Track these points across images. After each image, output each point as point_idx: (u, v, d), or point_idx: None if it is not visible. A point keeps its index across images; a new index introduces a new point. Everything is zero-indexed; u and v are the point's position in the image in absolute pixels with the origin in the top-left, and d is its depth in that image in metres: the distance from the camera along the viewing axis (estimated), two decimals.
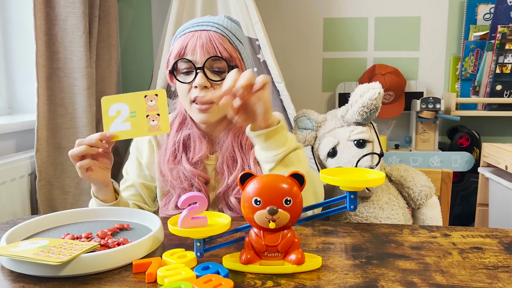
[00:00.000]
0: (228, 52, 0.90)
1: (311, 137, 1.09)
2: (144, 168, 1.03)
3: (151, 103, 0.85)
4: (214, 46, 0.89)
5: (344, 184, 0.62)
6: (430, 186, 1.09)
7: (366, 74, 2.10)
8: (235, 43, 0.93)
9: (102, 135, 0.84)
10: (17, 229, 0.75)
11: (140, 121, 0.85)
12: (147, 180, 1.04)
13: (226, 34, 0.92)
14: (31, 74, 1.50)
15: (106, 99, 0.85)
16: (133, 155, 1.06)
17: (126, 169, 1.07)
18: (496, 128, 2.17)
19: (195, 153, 0.96)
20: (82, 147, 0.83)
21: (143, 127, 0.85)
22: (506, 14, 2.01)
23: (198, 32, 0.90)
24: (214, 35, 0.90)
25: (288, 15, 2.18)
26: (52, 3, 1.48)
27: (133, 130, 0.85)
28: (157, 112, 0.85)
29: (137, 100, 0.85)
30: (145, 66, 2.20)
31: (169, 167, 0.96)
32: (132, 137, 0.86)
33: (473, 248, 0.72)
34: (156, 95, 0.85)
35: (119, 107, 0.85)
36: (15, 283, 0.61)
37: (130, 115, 0.84)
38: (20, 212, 1.39)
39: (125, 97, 0.85)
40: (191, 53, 0.90)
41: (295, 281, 0.60)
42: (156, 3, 2.17)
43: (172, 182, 0.96)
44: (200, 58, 0.89)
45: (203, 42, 0.89)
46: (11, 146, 1.45)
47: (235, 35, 0.94)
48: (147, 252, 0.69)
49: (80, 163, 0.84)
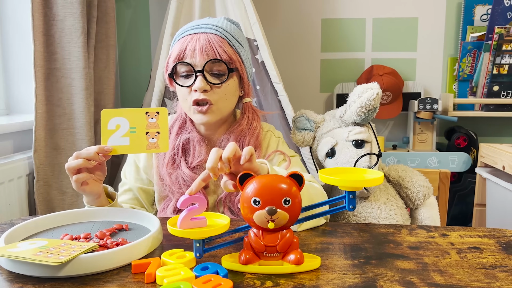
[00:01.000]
0: (227, 54, 0.89)
1: (310, 138, 1.09)
2: (142, 172, 1.03)
3: (152, 120, 0.84)
4: (213, 49, 0.88)
5: (343, 184, 0.62)
6: (428, 186, 1.09)
7: (364, 74, 2.10)
8: (235, 45, 0.92)
9: (100, 148, 0.83)
10: (15, 230, 0.75)
11: (139, 138, 0.84)
12: (144, 184, 1.03)
13: (225, 36, 0.91)
14: (28, 74, 1.50)
15: (106, 112, 0.84)
16: (131, 158, 1.05)
17: (124, 173, 1.06)
18: (493, 129, 2.18)
19: (194, 158, 0.96)
20: (80, 161, 0.82)
21: (142, 143, 0.84)
22: (503, 15, 2.02)
23: (197, 35, 0.90)
24: (214, 38, 0.89)
25: (286, 15, 2.18)
26: (50, 3, 1.47)
27: (131, 146, 0.84)
28: (157, 130, 0.84)
29: (137, 116, 0.84)
30: (143, 67, 2.20)
31: (168, 171, 0.95)
32: (129, 152, 0.85)
33: (471, 248, 0.72)
34: (158, 112, 0.84)
35: (119, 121, 0.84)
36: (14, 283, 0.61)
37: (129, 130, 0.84)
38: (18, 212, 1.39)
39: (125, 112, 0.84)
40: (190, 56, 0.89)
41: (294, 281, 0.61)
42: (154, 4, 2.17)
43: (170, 187, 0.95)
44: (199, 61, 0.89)
45: (202, 45, 0.88)
46: (9, 146, 1.45)
47: (235, 37, 0.93)
48: (146, 253, 0.69)
49: (77, 177, 0.83)
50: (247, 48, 0.99)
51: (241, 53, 0.94)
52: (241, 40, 0.95)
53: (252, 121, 0.99)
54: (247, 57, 0.97)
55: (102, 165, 0.87)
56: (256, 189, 0.61)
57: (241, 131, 0.97)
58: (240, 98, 1.01)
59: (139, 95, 2.14)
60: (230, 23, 0.96)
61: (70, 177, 0.85)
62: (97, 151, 0.82)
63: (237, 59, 0.92)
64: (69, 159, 0.84)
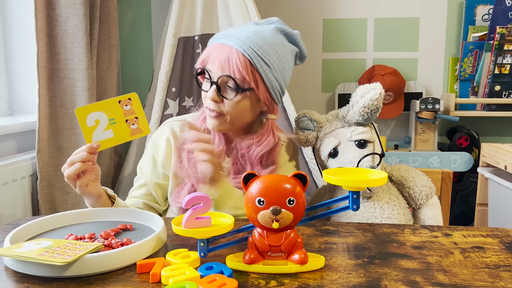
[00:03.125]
0: (241, 74, 0.87)
1: (312, 138, 1.09)
2: (159, 166, 1.03)
3: (127, 107, 0.86)
4: (230, 66, 0.88)
5: (347, 184, 0.62)
6: (431, 186, 1.09)
7: (366, 74, 2.10)
8: (257, 65, 0.89)
9: (89, 148, 0.84)
10: (20, 230, 0.75)
11: (121, 127, 0.85)
12: (160, 178, 1.03)
13: (248, 54, 0.88)
14: (31, 75, 1.50)
15: (81, 110, 0.84)
16: (149, 152, 1.06)
17: (141, 167, 1.07)
18: (495, 128, 2.18)
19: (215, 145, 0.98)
20: (77, 165, 0.83)
21: (125, 132, 0.86)
22: (505, 15, 2.02)
23: (222, 46, 0.90)
24: (235, 54, 0.88)
25: (287, 16, 2.18)
26: (53, 4, 1.48)
27: (116, 137, 0.86)
28: (134, 115, 0.86)
29: (112, 107, 0.85)
30: (145, 67, 2.21)
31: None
32: (116, 144, 0.87)
33: (474, 248, 0.72)
34: (130, 99, 0.86)
35: (96, 116, 0.84)
36: (20, 283, 0.61)
37: (109, 122, 0.85)
38: (21, 213, 1.39)
39: (99, 105, 0.85)
40: (211, 63, 0.91)
41: (298, 280, 0.61)
42: (156, 4, 2.17)
43: (187, 170, 0.96)
44: (215, 73, 0.90)
45: (222, 58, 0.88)
46: (12, 147, 1.45)
47: (261, 55, 0.89)
48: (150, 253, 0.70)
49: (81, 181, 0.84)
50: (279, 65, 0.92)
51: (262, 73, 0.90)
52: (268, 59, 0.90)
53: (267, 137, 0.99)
54: (274, 75, 0.92)
55: (94, 164, 0.88)
56: (260, 189, 0.62)
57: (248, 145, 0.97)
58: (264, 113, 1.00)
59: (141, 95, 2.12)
60: (273, 35, 0.93)
61: (72, 184, 0.86)
62: (87, 151, 0.84)
63: (254, 79, 0.89)
64: (63, 168, 0.85)
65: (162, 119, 1.70)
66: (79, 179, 0.85)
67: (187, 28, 1.77)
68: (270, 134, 0.99)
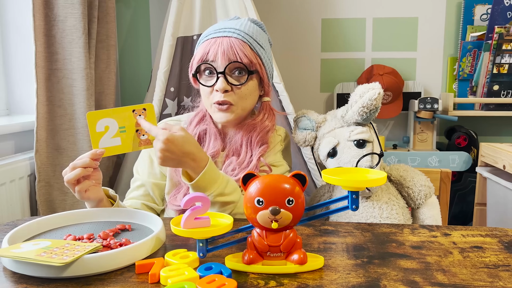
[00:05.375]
0: (248, 58, 0.93)
1: (311, 137, 1.09)
2: (156, 166, 1.04)
3: (140, 117, 0.84)
4: (235, 53, 0.92)
5: (346, 184, 0.62)
6: (430, 185, 1.09)
7: (364, 74, 2.10)
8: (256, 48, 0.96)
9: (92, 154, 0.83)
10: (18, 230, 0.75)
11: (130, 136, 0.84)
12: (157, 178, 1.04)
13: (247, 40, 0.95)
14: (29, 75, 1.50)
15: (92, 114, 0.83)
16: (145, 153, 1.06)
17: (137, 168, 1.07)
18: (494, 128, 2.18)
19: (209, 148, 1.00)
20: (77, 171, 0.82)
21: (134, 142, 0.85)
22: (503, 14, 2.02)
23: (220, 39, 0.94)
24: (235, 42, 0.93)
25: (286, 15, 2.18)
26: (51, 4, 1.47)
27: (123, 145, 0.84)
28: None
29: (125, 115, 0.83)
30: (143, 67, 2.20)
31: None
32: (121, 152, 0.85)
33: (473, 247, 0.72)
34: (144, 109, 0.84)
35: (107, 122, 0.83)
36: (18, 284, 0.61)
37: (119, 130, 0.83)
38: (19, 213, 1.39)
39: (112, 112, 0.83)
40: (212, 58, 0.94)
41: (298, 280, 0.61)
42: (154, 4, 2.17)
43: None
44: (221, 64, 0.93)
45: (224, 48, 0.92)
46: (10, 147, 1.45)
47: (256, 40, 0.97)
48: (149, 253, 0.70)
49: (80, 187, 0.84)
50: (269, 49, 1.02)
51: (261, 55, 0.97)
52: (262, 43, 0.99)
53: (266, 119, 1.04)
54: (268, 58, 1.01)
55: (96, 168, 0.87)
56: (259, 189, 0.61)
57: (251, 126, 1.01)
58: (260, 97, 1.06)
59: (139, 95, 2.15)
60: (253, 24, 1.00)
61: (71, 189, 0.86)
62: (90, 157, 0.83)
63: (258, 61, 0.96)
64: (64, 172, 0.85)
65: (161, 119, 1.69)
66: (79, 184, 0.85)
67: (185, 28, 1.76)
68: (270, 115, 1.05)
